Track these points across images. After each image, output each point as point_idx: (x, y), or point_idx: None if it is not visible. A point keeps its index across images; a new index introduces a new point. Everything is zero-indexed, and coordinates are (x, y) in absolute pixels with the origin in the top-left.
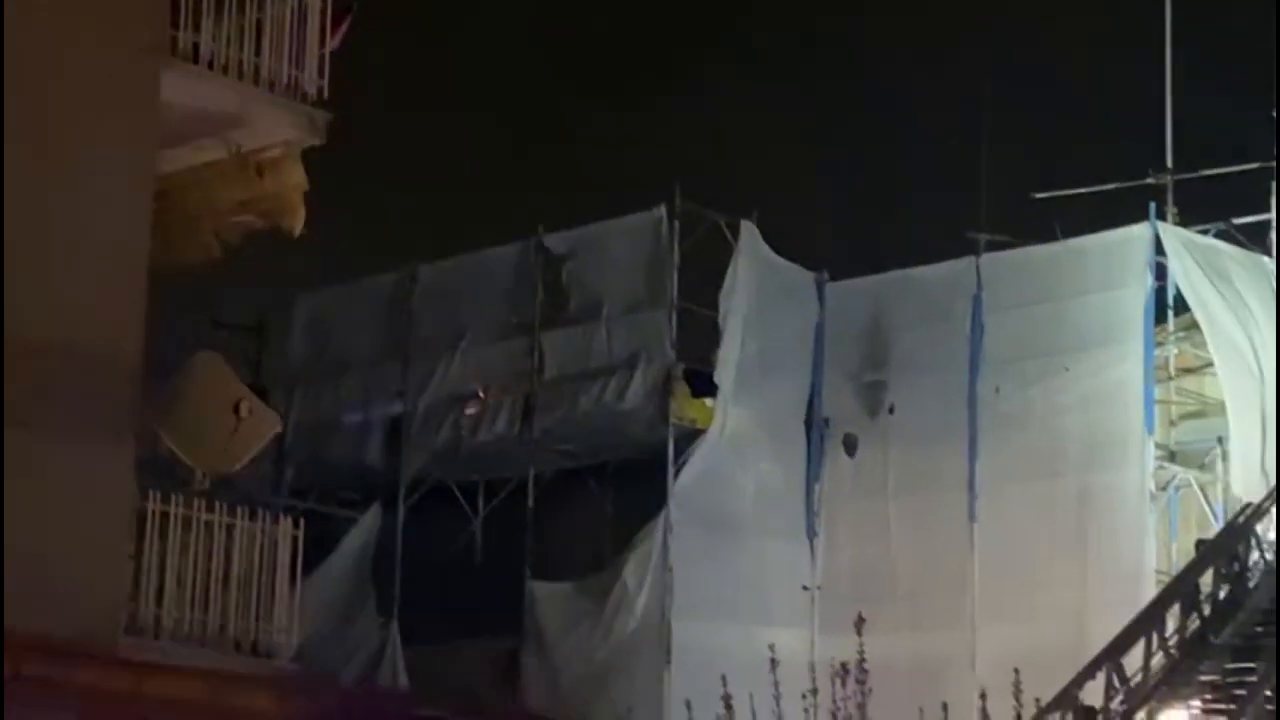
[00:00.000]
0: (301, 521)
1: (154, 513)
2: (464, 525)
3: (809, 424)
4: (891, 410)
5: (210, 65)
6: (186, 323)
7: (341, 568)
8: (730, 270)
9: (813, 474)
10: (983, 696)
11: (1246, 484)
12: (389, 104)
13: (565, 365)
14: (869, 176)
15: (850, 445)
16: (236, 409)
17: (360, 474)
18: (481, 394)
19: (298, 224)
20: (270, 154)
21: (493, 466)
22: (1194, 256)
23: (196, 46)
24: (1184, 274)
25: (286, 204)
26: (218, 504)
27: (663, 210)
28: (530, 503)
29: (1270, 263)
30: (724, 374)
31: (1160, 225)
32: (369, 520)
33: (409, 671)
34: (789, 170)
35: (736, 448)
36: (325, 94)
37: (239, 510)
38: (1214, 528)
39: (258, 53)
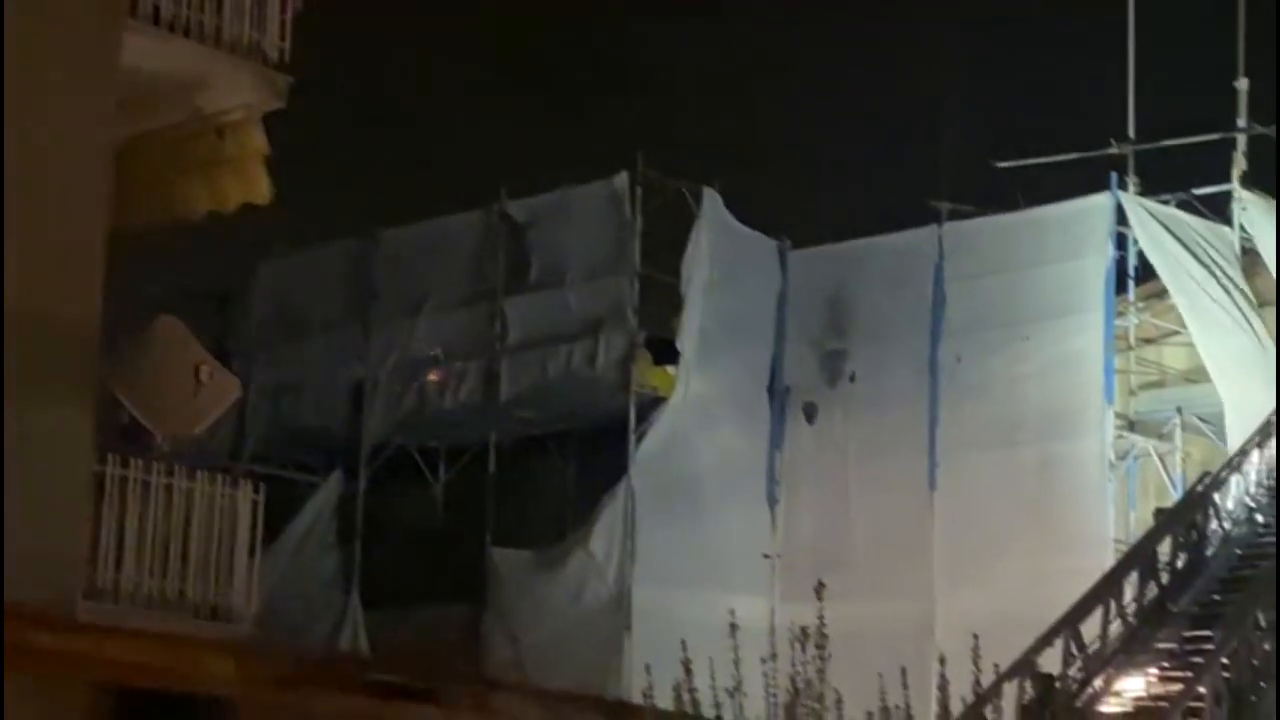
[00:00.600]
0: (262, 486)
1: (113, 476)
2: (426, 492)
3: (771, 392)
4: (853, 379)
5: (171, 27)
6: (147, 287)
7: (303, 534)
8: (693, 237)
9: (774, 442)
10: (941, 662)
11: (1240, 413)
12: (350, 68)
13: (528, 332)
14: (833, 145)
15: (810, 413)
16: (197, 373)
17: (322, 440)
18: (442, 360)
19: (260, 189)
20: (231, 117)
21: (455, 433)
22: (1157, 225)
23: (157, 8)
24: (1149, 241)
25: (248, 168)
26: (177, 468)
27: (625, 177)
28: (492, 469)
29: (1231, 233)
30: (686, 341)
31: (1121, 195)
32: (331, 486)
33: (369, 637)
34: (753, 139)
35: (699, 415)
36: (287, 57)
37: (198, 475)
38: (1172, 497)
39: (219, 15)
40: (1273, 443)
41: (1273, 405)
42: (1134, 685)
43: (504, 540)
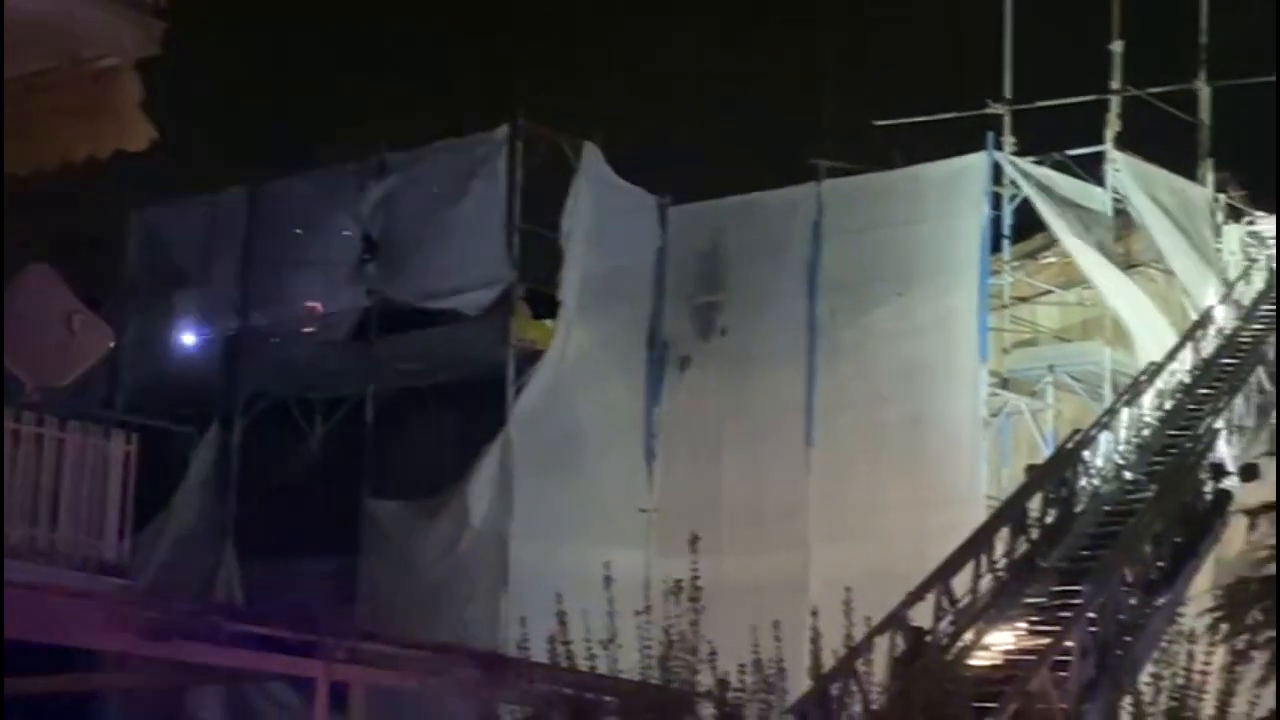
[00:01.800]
0: (135, 437)
1: None
2: (303, 443)
3: (650, 347)
4: (724, 332)
5: None
6: (18, 234)
7: (180, 484)
8: (573, 192)
9: (652, 396)
10: (814, 615)
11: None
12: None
13: (405, 284)
14: (713, 102)
15: (683, 366)
16: (69, 322)
17: (197, 390)
18: (320, 311)
19: (137, 135)
20: (105, 64)
21: (332, 385)
22: (1031, 185)
23: None
24: (1034, 197)
25: (123, 116)
26: (48, 418)
27: (505, 130)
28: (369, 421)
29: (1103, 193)
30: (566, 295)
31: (997, 154)
32: (211, 438)
33: (245, 589)
34: (634, 94)
35: (577, 369)
36: (163, 2)
37: (70, 425)
38: (1044, 454)
39: None
40: (1143, 400)
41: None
42: (1003, 639)
43: (381, 492)
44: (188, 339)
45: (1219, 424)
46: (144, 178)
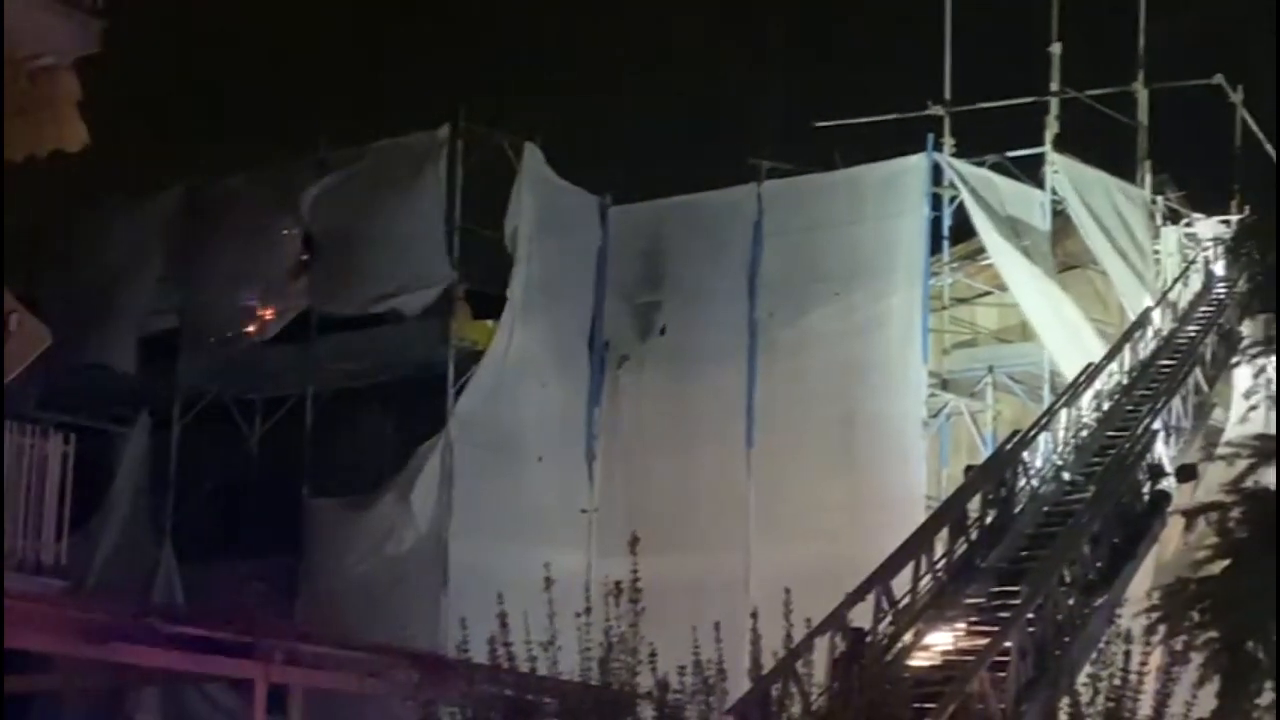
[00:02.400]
0: (73, 437)
1: None
2: (242, 443)
3: (591, 347)
4: (663, 331)
5: None
6: None
7: (117, 486)
8: (515, 192)
9: (594, 397)
10: (754, 616)
11: (1069, 363)
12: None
13: (345, 284)
14: (655, 103)
15: (620, 366)
16: (5, 321)
17: (136, 390)
18: (260, 310)
19: (74, 136)
20: (42, 62)
21: (271, 384)
22: (973, 185)
23: None
24: (970, 200)
25: (60, 115)
26: None
27: (446, 130)
28: (309, 421)
29: (1042, 195)
30: (511, 295)
31: (937, 155)
32: (140, 433)
33: (184, 590)
34: (574, 94)
35: (519, 369)
36: (101, 1)
37: (6, 425)
38: (983, 455)
39: None
40: (1081, 402)
41: (1084, 364)
42: (943, 639)
43: (321, 493)
44: (127, 338)
45: (1156, 425)
46: (82, 176)
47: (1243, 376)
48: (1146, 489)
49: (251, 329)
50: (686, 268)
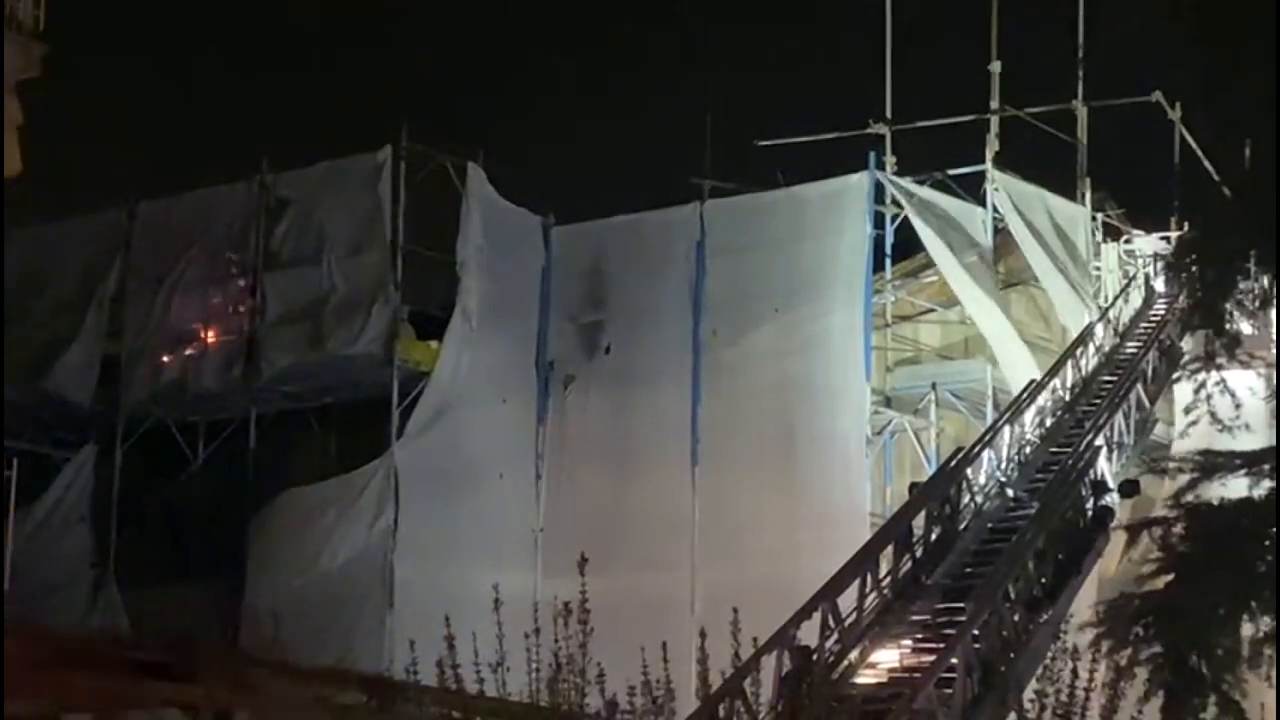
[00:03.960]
0: (15, 462)
1: None
2: (184, 467)
3: (537, 367)
4: (608, 351)
5: None
6: None
7: (54, 510)
8: (463, 213)
9: (540, 417)
10: (702, 635)
11: (1019, 378)
12: (109, 36)
13: (288, 307)
14: (598, 123)
15: (566, 384)
16: None
17: (77, 414)
18: (202, 334)
19: (10, 161)
20: None
21: (214, 408)
22: (916, 203)
23: None
24: (916, 217)
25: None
26: None
27: (389, 151)
28: (252, 444)
29: (984, 212)
30: (454, 317)
31: (879, 174)
32: (82, 460)
33: (127, 615)
34: (515, 116)
35: (465, 390)
36: (42, 25)
37: None
38: (927, 472)
39: None
40: (1024, 418)
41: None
42: (889, 656)
43: (265, 516)
44: (67, 361)
45: (1099, 441)
46: (21, 198)
47: (1184, 391)
48: (1090, 504)
49: (193, 352)
50: (630, 287)
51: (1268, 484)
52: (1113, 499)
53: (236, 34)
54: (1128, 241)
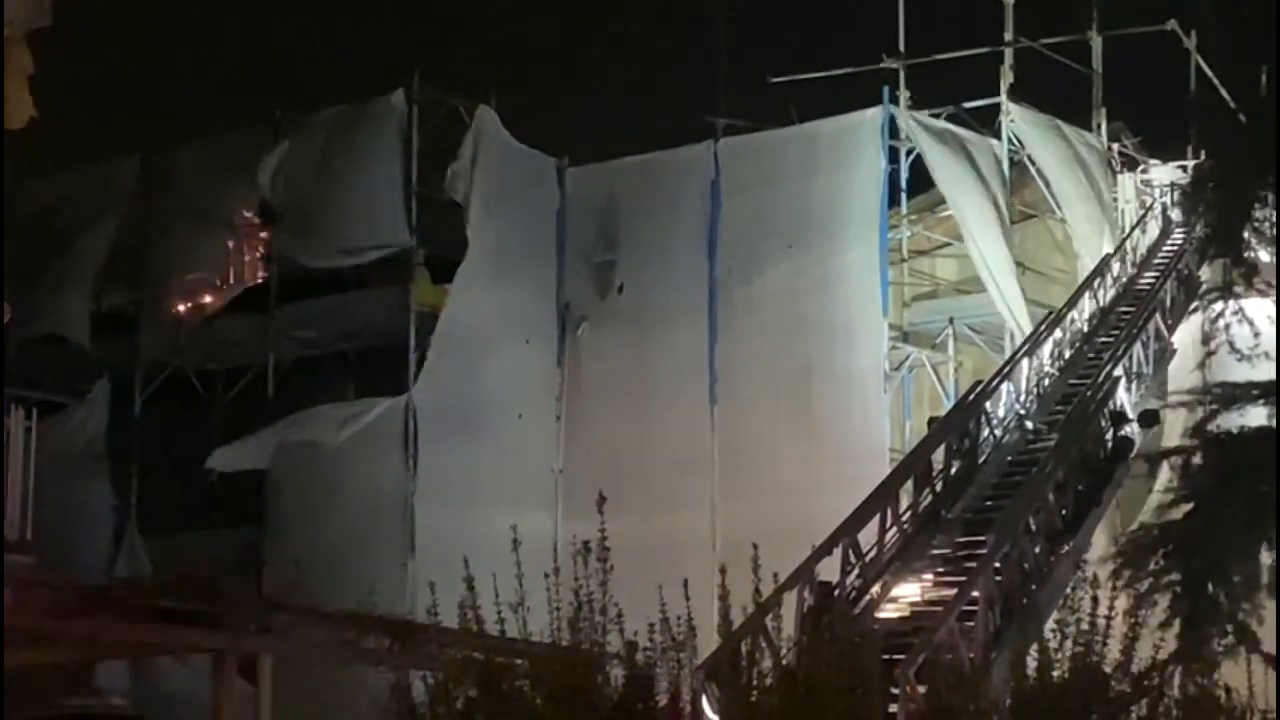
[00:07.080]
0: (35, 412)
1: None
2: (205, 414)
3: (557, 309)
4: (620, 290)
5: None
6: None
7: (69, 441)
8: (462, 153)
9: (557, 358)
10: (722, 572)
11: (1020, 317)
12: None
13: (304, 252)
14: (611, 63)
15: (578, 327)
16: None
17: (95, 363)
18: (219, 282)
19: (21, 110)
20: None
21: (231, 355)
22: (929, 137)
23: None
24: (927, 152)
25: (11, 89)
26: None
27: (402, 95)
28: (271, 390)
29: (999, 145)
30: (467, 259)
31: (893, 108)
32: (95, 395)
33: (150, 563)
34: (528, 57)
35: (480, 332)
36: None
37: None
38: (946, 406)
39: None
40: (1042, 351)
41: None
42: (910, 591)
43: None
44: (83, 311)
45: (1118, 372)
46: (36, 148)
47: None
48: (1109, 435)
49: (209, 300)
50: (643, 227)
51: None
52: (1132, 429)
53: None
54: (1144, 172)
